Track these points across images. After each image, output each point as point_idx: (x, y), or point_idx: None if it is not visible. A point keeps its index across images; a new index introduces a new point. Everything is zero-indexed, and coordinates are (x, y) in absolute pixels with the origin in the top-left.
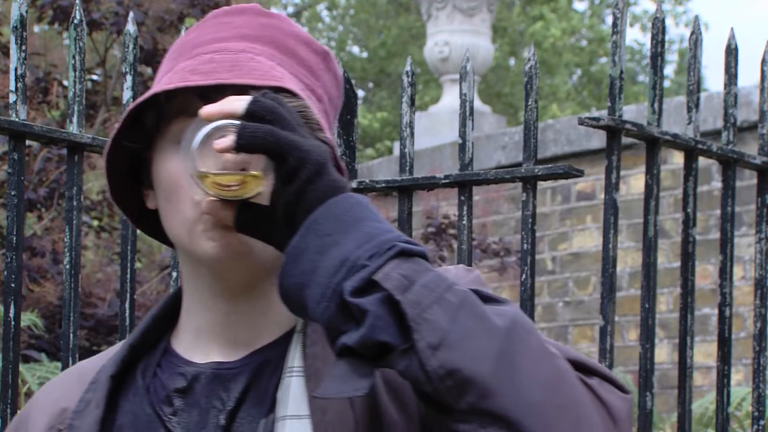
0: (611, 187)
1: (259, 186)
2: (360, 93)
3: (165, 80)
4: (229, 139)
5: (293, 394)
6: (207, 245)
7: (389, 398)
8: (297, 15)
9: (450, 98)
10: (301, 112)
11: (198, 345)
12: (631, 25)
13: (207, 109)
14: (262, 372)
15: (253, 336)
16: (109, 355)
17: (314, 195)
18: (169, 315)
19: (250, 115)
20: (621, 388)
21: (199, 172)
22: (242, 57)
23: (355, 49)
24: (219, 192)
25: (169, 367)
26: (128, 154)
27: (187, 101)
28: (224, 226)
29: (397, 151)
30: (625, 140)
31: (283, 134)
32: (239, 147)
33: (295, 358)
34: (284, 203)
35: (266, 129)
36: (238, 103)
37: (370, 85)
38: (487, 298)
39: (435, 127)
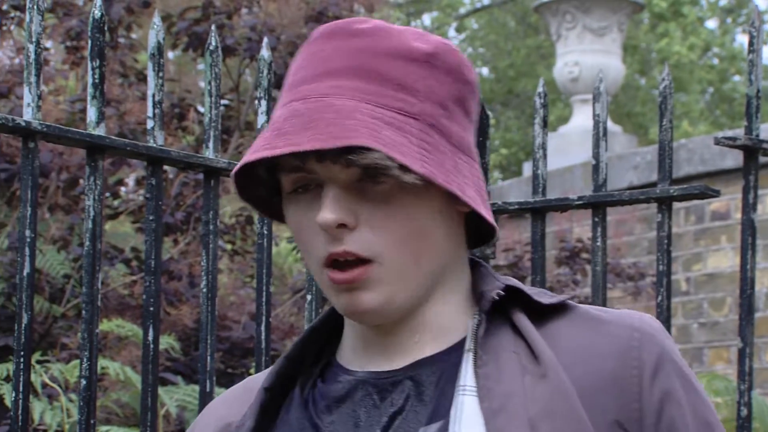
0: (748, 207)
1: None
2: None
3: (258, 140)
4: None
5: (467, 412)
6: (334, 299)
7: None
8: None
9: (580, 118)
10: (379, 166)
11: (356, 355)
12: (765, 42)
13: None
14: (422, 383)
15: (410, 348)
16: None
17: None
18: (331, 327)
19: None
20: None
21: None
22: (322, 105)
23: (485, 71)
24: None
25: (330, 377)
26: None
27: (283, 157)
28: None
29: (527, 172)
30: (761, 159)
31: None
32: None
33: (467, 377)
34: None
35: None
36: None
37: (498, 107)
38: None
39: (565, 148)
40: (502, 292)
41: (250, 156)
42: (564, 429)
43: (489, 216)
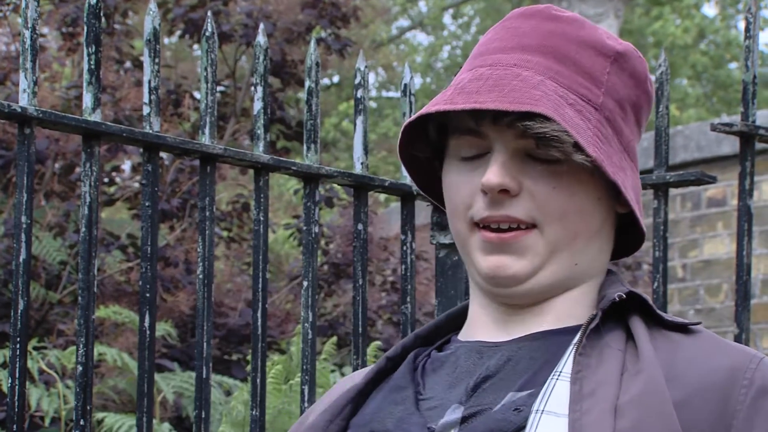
0: (745, 193)
1: None
2: None
3: (437, 96)
4: None
5: (556, 392)
6: (480, 261)
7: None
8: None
9: None
10: (554, 137)
11: (470, 329)
12: (762, 28)
13: None
14: (522, 355)
15: (525, 328)
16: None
17: None
18: (463, 314)
19: None
20: None
21: None
22: (509, 73)
23: None
24: None
25: (444, 348)
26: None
27: (458, 118)
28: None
29: None
30: (757, 145)
31: None
32: None
33: (566, 364)
34: None
35: None
36: None
37: None
38: None
39: None
40: (624, 296)
41: (429, 107)
42: (649, 422)
43: (641, 221)
